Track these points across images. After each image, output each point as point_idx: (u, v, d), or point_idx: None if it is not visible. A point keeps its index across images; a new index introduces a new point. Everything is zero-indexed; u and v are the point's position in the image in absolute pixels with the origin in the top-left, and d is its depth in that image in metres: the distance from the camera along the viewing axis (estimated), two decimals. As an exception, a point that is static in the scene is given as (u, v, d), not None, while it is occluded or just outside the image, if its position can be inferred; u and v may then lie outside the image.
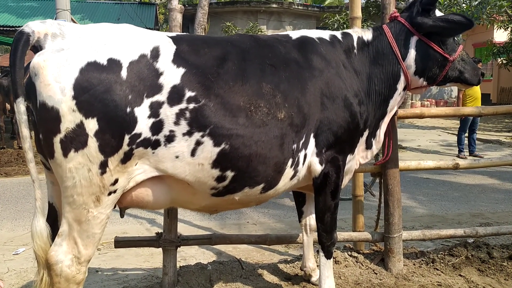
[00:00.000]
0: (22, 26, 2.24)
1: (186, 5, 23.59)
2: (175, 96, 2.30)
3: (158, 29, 24.68)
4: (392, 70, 3.10)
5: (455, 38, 3.22)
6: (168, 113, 2.29)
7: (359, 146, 3.12)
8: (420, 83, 3.20)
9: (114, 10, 23.18)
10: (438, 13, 3.12)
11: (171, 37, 2.50)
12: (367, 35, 3.15)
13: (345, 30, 3.23)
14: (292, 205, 3.78)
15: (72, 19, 11.10)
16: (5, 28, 18.46)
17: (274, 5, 25.05)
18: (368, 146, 3.23)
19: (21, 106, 2.16)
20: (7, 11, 20.81)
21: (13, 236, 5.42)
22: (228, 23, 22.38)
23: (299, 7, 25.57)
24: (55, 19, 10.05)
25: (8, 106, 11.97)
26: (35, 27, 2.21)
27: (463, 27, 3.01)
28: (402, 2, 15.42)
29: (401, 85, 3.15)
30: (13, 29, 18.15)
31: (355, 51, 3.06)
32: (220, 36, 3.19)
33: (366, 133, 3.11)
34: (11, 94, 6.01)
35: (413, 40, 3.09)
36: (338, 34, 3.13)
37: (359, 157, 3.24)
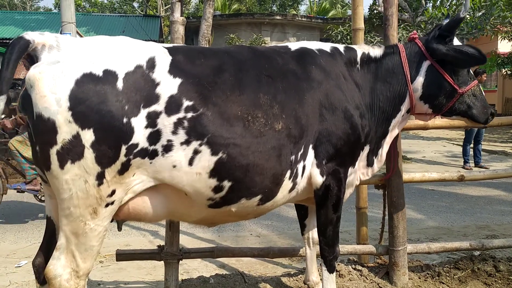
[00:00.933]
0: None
1: (191, 17, 23.79)
2: (173, 106, 2.30)
3: (163, 41, 24.86)
4: (399, 90, 3.05)
5: (470, 71, 3.13)
6: (165, 122, 2.29)
7: (360, 162, 3.08)
8: (425, 109, 3.13)
9: (119, 22, 23.42)
10: (456, 41, 3.04)
11: (167, 48, 2.50)
12: (376, 52, 3.10)
13: (350, 45, 3.20)
14: (296, 217, 3.74)
15: (77, 32, 11.17)
16: (11, 41, 18.59)
17: (278, 17, 25.22)
18: (369, 163, 3.17)
19: (0, 103, 2.16)
20: (14, 24, 21.07)
21: (16, 249, 5.40)
22: (232, 35, 22.51)
23: (303, 19, 25.72)
24: (61, 32, 10.13)
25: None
26: (34, 36, 2.25)
27: (475, 61, 2.98)
28: (406, 14, 15.44)
29: (405, 106, 3.10)
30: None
31: (358, 65, 3.02)
32: (217, 47, 3.17)
33: (367, 148, 3.06)
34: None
35: (425, 64, 3.03)
36: (340, 47, 3.09)
37: (360, 173, 3.18)
